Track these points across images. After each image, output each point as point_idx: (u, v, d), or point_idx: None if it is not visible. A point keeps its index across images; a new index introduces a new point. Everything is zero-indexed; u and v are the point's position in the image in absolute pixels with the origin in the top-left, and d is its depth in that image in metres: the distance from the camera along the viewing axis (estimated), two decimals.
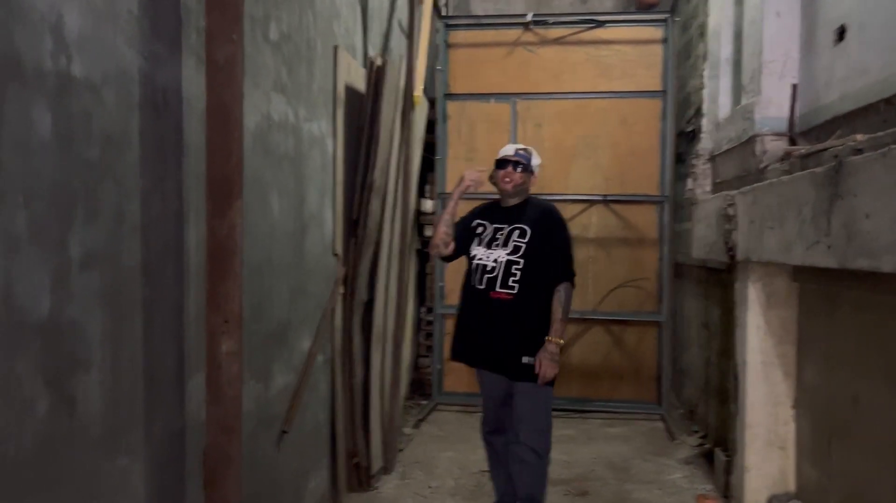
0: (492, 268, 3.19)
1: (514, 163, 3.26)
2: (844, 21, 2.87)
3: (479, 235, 3.30)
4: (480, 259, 3.24)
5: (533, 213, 3.27)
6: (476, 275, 3.25)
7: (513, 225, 3.23)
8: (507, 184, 3.27)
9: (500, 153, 3.35)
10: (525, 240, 3.18)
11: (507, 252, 3.18)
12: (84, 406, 1.65)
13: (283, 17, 2.87)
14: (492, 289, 3.18)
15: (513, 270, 3.16)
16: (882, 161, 2.04)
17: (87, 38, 1.64)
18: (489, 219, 3.34)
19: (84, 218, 1.64)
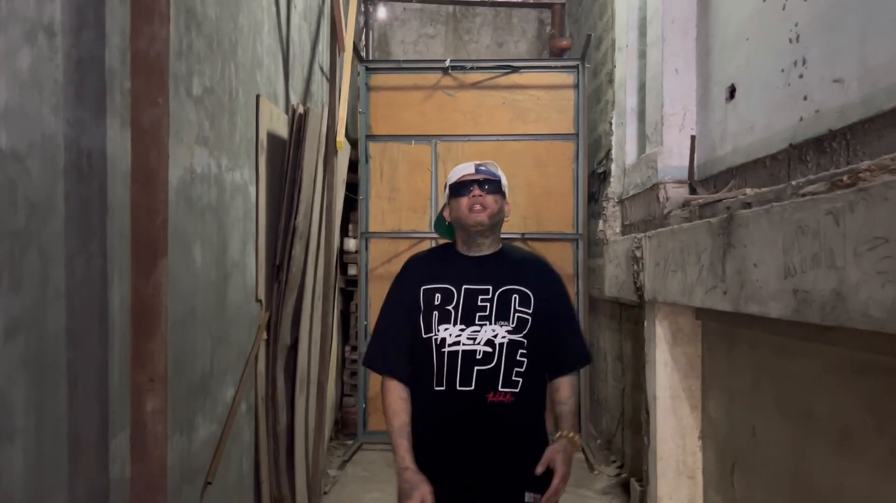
0: (484, 356, 2.08)
1: (481, 181, 2.14)
2: (734, 81, 3.14)
3: (438, 307, 2.13)
4: (456, 342, 2.09)
5: (525, 268, 2.24)
6: (448, 367, 2.09)
7: (504, 285, 2.13)
8: (479, 212, 2.12)
9: (455, 174, 2.21)
10: (529, 310, 2.12)
11: (509, 328, 2.10)
12: (7, 474, 1.65)
13: (205, 72, 2.92)
14: (488, 390, 2.07)
15: (518, 357, 2.10)
16: (766, 216, 2.26)
17: (12, 109, 1.66)
18: (450, 277, 2.17)
19: (8, 287, 1.65)
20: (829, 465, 2.36)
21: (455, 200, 2.17)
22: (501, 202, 2.19)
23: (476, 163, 2.21)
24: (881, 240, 1.65)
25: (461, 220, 2.16)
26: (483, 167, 2.20)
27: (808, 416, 2.50)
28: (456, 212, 2.18)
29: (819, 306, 1.92)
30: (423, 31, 8.09)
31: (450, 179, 2.22)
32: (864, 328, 1.73)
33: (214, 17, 3.03)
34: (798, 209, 2.04)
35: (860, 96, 2.15)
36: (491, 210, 2.14)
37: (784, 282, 2.13)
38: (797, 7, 2.54)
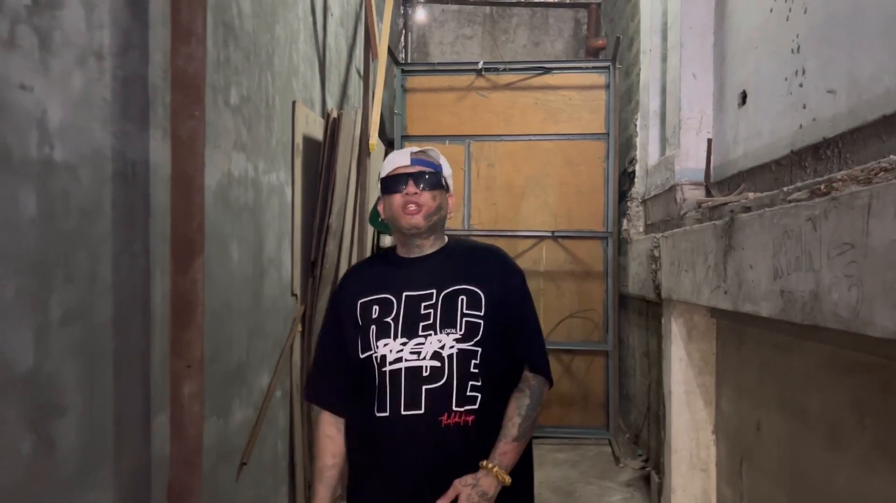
0: (431, 372, 1.76)
1: (416, 175, 1.83)
2: (745, 87, 3.24)
3: (376, 320, 1.84)
4: (398, 358, 1.78)
5: (474, 263, 1.90)
6: (391, 389, 1.78)
7: (449, 286, 1.83)
8: (413, 214, 1.83)
9: (387, 165, 1.91)
10: (480, 312, 1.81)
11: (457, 337, 1.78)
12: (61, 446, 1.89)
13: (242, 82, 3.15)
14: (440, 411, 1.75)
15: (471, 369, 1.77)
16: (759, 220, 2.38)
17: (66, 126, 1.90)
18: (389, 285, 1.88)
19: (62, 282, 1.89)
20: (820, 459, 2.48)
21: (387, 197, 1.87)
22: (442, 197, 1.87)
23: (412, 150, 1.89)
24: (848, 245, 1.77)
25: (394, 221, 1.86)
26: (420, 157, 1.87)
27: (802, 412, 2.61)
28: (389, 211, 1.88)
29: (800, 306, 2.05)
30: (461, 31, 8.26)
31: (382, 171, 1.91)
32: (834, 327, 1.86)
33: (251, 31, 3.25)
34: (785, 215, 2.17)
35: (848, 107, 2.26)
36: (427, 209, 1.83)
37: (773, 283, 2.25)
38: (798, 18, 2.65)
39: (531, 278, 6.22)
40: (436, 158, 1.92)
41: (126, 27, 2.21)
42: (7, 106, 1.68)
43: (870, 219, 1.67)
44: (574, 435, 6.09)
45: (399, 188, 1.85)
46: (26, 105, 1.74)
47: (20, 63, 1.72)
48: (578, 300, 6.23)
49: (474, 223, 6.28)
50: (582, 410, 6.23)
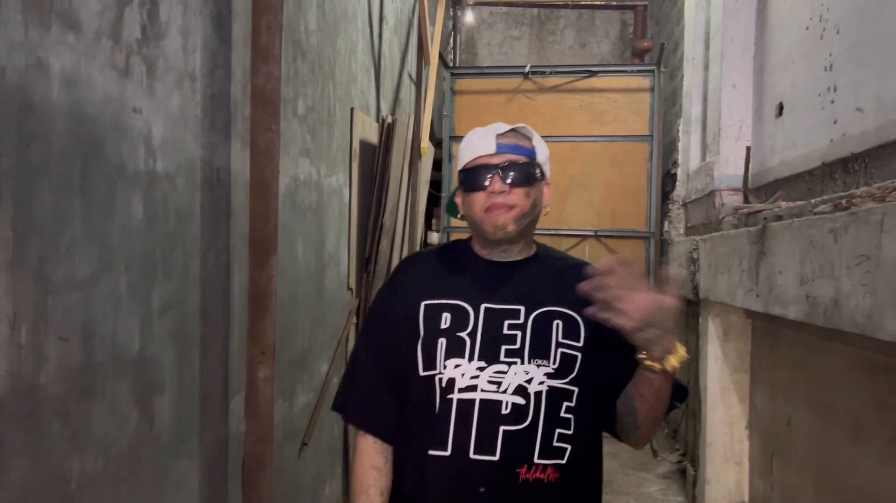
0: (513, 411, 1.40)
1: (504, 167, 1.42)
2: (782, 99, 3.39)
3: (447, 332, 1.45)
4: (471, 386, 1.42)
5: (571, 280, 1.39)
6: (457, 422, 1.41)
7: (542, 306, 1.46)
8: (501, 214, 1.43)
9: (467, 151, 1.49)
10: (579, 342, 1.45)
11: (549, 371, 1.43)
12: (160, 419, 2.18)
13: (308, 93, 3.42)
14: (520, 461, 1.40)
15: (563, 414, 1.43)
16: (789, 230, 2.56)
17: (168, 141, 2.18)
18: (463, 289, 1.50)
19: (162, 276, 2.17)
20: (845, 453, 2.64)
21: (468, 195, 1.46)
22: (537, 192, 1.46)
23: (498, 131, 1.46)
24: (864, 257, 1.95)
25: (476, 224, 1.47)
26: (509, 142, 1.45)
27: (829, 409, 2.78)
28: (469, 208, 1.47)
29: (823, 311, 2.23)
30: (509, 33, 8.45)
31: (461, 158, 1.50)
32: (852, 331, 2.04)
33: (316, 45, 3.52)
34: (811, 226, 2.34)
35: (875, 125, 2.41)
36: (520, 210, 1.42)
37: (800, 289, 2.43)
38: (832, 38, 2.80)
39: None
40: (529, 138, 1.49)
41: (214, 49, 2.48)
42: (122, 126, 1.95)
43: (882, 234, 1.85)
44: None
45: (482, 184, 1.42)
46: (136, 125, 2.02)
47: (133, 89, 1.99)
48: None
49: None
50: None
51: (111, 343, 1.92)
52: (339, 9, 3.91)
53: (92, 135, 1.82)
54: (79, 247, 1.77)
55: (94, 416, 1.86)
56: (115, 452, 1.95)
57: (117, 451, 1.96)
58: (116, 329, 1.94)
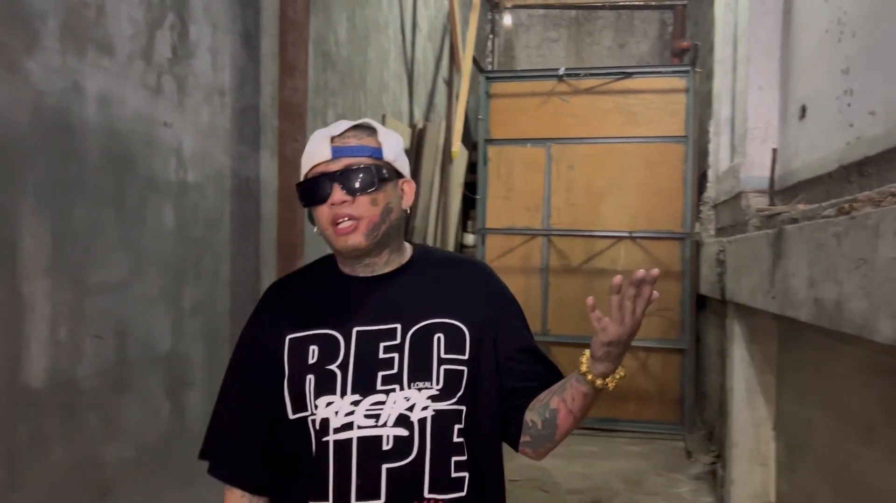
0: (396, 445, 1.24)
1: (343, 174, 1.25)
2: (805, 101, 3.40)
3: (314, 367, 1.28)
4: (347, 425, 1.24)
5: (451, 282, 1.36)
6: (336, 468, 1.24)
7: (419, 321, 1.30)
8: (347, 232, 1.26)
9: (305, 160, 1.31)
10: (464, 355, 1.30)
11: (432, 393, 1.26)
12: (190, 412, 2.33)
13: (338, 103, 3.56)
14: (408, 501, 1.24)
15: (455, 438, 1.28)
16: (800, 233, 2.59)
17: (197, 153, 2.33)
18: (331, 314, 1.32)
19: (193, 280, 2.33)
20: (858, 454, 2.66)
21: (313, 209, 1.29)
22: (390, 194, 1.29)
23: (333, 133, 1.29)
24: (861, 260, 1.99)
25: (328, 240, 1.30)
26: (345, 145, 1.27)
27: (843, 411, 2.80)
28: (318, 225, 1.30)
29: (828, 313, 2.27)
30: (546, 35, 8.51)
31: (302, 168, 1.32)
32: (851, 333, 2.08)
33: (346, 56, 3.66)
34: (818, 229, 2.38)
35: (885, 128, 2.43)
36: (369, 221, 1.26)
37: (809, 291, 2.47)
38: (848, 41, 2.81)
39: (607, 277, 6.44)
40: (374, 134, 1.31)
41: (242, 65, 2.64)
42: (154, 141, 2.11)
43: (878, 238, 1.89)
44: (648, 429, 6.27)
45: (322, 196, 1.26)
46: (167, 139, 2.18)
47: (164, 105, 2.15)
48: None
49: (553, 223, 6.54)
50: (657, 406, 6.41)
51: (144, 341, 2.08)
52: (370, 20, 4.04)
53: (124, 149, 1.98)
54: (112, 253, 1.93)
55: (127, 409, 2.02)
56: (147, 442, 2.11)
57: (149, 442, 2.12)
58: (149, 328, 2.10)
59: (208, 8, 2.39)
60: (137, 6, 2.02)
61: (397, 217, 1.32)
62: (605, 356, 1.20)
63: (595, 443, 5.86)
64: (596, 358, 1.21)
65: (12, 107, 1.59)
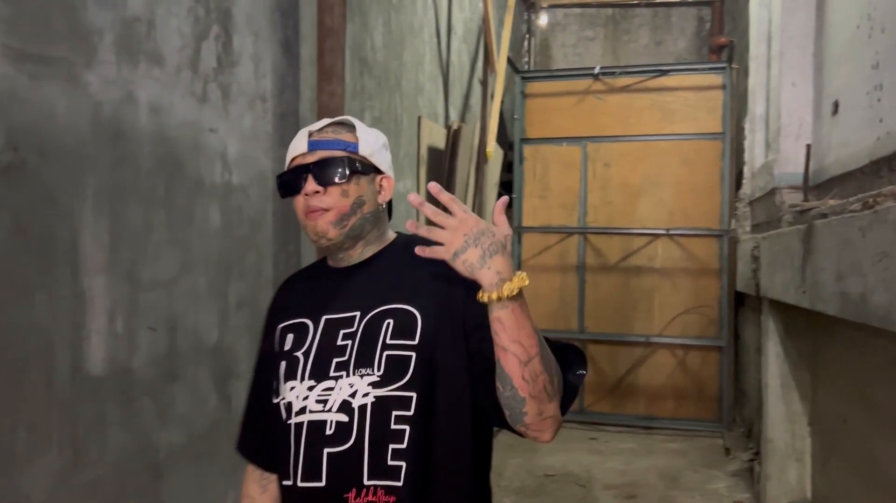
0: (337, 430, 1.26)
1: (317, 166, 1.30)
2: (837, 97, 3.41)
3: (287, 354, 1.35)
4: (303, 409, 1.29)
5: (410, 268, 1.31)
6: (293, 450, 1.29)
7: (375, 307, 1.31)
8: (317, 217, 1.30)
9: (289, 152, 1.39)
10: (413, 340, 1.26)
11: (373, 380, 1.25)
12: (236, 402, 2.46)
13: (375, 106, 3.68)
14: (345, 486, 1.24)
15: (393, 426, 1.24)
16: (828, 228, 2.62)
17: (241, 157, 2.46)
18: (310, 304, 1.39)
19: (237, 276, 2.46)
20: (887, 449, 2.68)
21: (290, 200, 1.36)
22: (363, 187, 1.32)
23: (312, 128, 1.37)
24: (884, 254, 2.03)
25: (304, 230, 1.36)
26: (323, 138, 1.33)
27: (875, 405, 2.81)
28: (297, 217, 1.36)
29: (854, 306, 2.30)
30: (583, 34, 8.53)
31: (287, 159, 1.39)
32: (876, 325, 2.11)
33: (382, 60, 3.77)
34: (844, 224, 2.41)
35: None
36: (338, 211, 1.30)
37: (836, 285, 2.50)
38: (878, 37, 2.83)
39: (644, 274, 6.48)
40: (351, 128, 1.36)
41: (282, 72, 2.76)
42: (201, 145, 2.25)
43: None
44: (687, 427, 6.27)
45: (297, 187, 1.32)
46: (213, 143, 2.31)
47: (210, 112, 2.29)
48: (694, 296, 6.39)
49: (590, 220, 6.58)
50: (696, 403, 6.40)
51: (193, 333, 2.21)
52: (405, 24, 4.15)
53: (174, 154, 2.11)
54: (164, 251, 2.07)
55: (178, 397, 2.15)
56: (196, 430, 2.24)
57: (198, 429, 2.25)
58: (198, 321, 2.24)
59: (250, 18, 2.52)
60: (185, 19, 2.16)
61: (371, 210, 1.34)
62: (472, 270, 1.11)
63: (633, 441, 5.89)
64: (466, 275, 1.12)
65: (74, 116, 1.73)
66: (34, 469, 1.63)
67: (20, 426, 1.59)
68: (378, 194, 1.36)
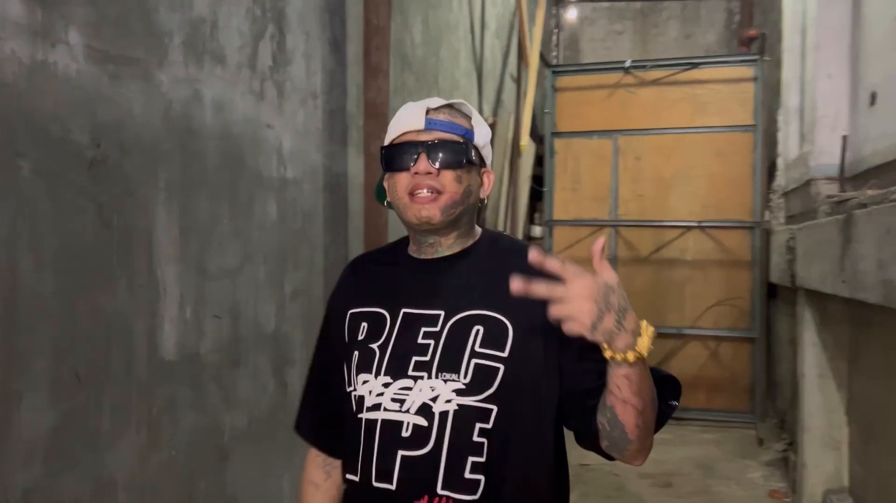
0: (414, 433, 1.20)
1: (432, 146, 1.23)
2: (875, 88, 3.42)
3: (361, 344, 1.29)
4: (376, 405, 1.24)
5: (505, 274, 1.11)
6: (364, 446, 1.24)
7: (462, 310, 1.24)
8: (424, 201, 1.22)
9: (395, 126, 1.28)
10: (503, 351, 1.21)
11: (458, 386, 1.20)
12: (291, 388, 2.56)
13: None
14: (418, 493, 1.20)
15: (475, 438, 1.19)
16: (868, 217, 2.66)
17: (294, 152, 2.56)
18: (386, 293, 1.33)
19: (292, 267, 2.55)
20: None
21: (391, 176, 1.27)
22: (472, 177, 1.27)
23: (429, 104, 1.28)
24: None
25: (399, 210, 1.28)
26: (440, 119, 1.26)
27: None
28: (392, 192, 1.28)
29: None
30: (612, 28, 8.55)
31: (388, 133, 1.31)
32: None
33: (421, 56, 3.85)
34: (886, 213, 2.45)
35: None
36: (449, 197, 1.23)
37: (878, 274, 2.53)
38: None
39: (676, 267, 6.50)
40: (468, 117, 1.31)
41: (331, 69, 2.85)
42: (259, 141, 2.34)
43: None
44: (720, 418, 6.29)
45: (406, 164, 1.24)
46: (270, 139, 2.41)
47: (267, 109, 2.38)
48: (726, 288, 6.40)
49: (621, 213, 6.61)
50: (728, 394, 6.42)
51: (253, 321, 2.31)
52: (442, 21, 4.23)
53: (236, 150, 2.21)
54: (227, 242, 2.17)
55: (240, 383, 2.25)
56: (257, 413, 2.34)
57: (259, 413, 2.35)
58: (257, 310, 2.34)
59: (302, 18, 2.61)
60: (244, 19, 2.25)
61: (474, 202, 1.30)
62: (608, 335, 1.05)
63: (667, 432, 5.85)
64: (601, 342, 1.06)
65: (149, 114, 1.83)
66: (117, 448, 1.74)
67: (105, 407, 1.69)
68: (480, 187, 1.31)
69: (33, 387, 1.49)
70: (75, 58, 1.59)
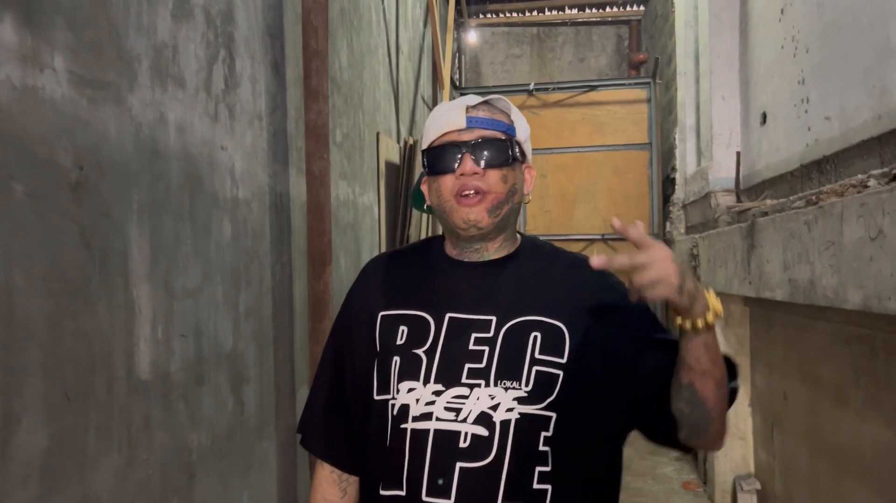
0: (473, 444, 1.16)
1: (476, 145, 1.20)
2: (765, 109, 3.81)
3: (402, 349, 1.24)
4: (426, 414, 1.18)
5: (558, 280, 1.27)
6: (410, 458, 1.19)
7: (516, 316, 1.21)
8: (472, 204, 1.20)
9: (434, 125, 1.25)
10: (561, 358, 1.19)
11: (520, 394, 1.17)
12: (247, 406, 2.59)
13: (344, 123, 3.85)
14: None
15: (540, 447, 1.17)
16: (773, 224, 2.97)
17: (244, 172, 2.60)
18: (426, 296, 1.28)
19: (245, 286, 2.59)
20: (830, 417, 3.04)
21: (434, 179, 1.23)
22: (516, 175, 1.23)
23: (469, 102, 1.24)
24: (830, 243, 2.36)
25: (444, 214, 1.23)
26: (480, 116, 1.22)
27: (816, 379, 3.17)
28: (436, 196, 1.24)
29: (802, 291, 2.64)
30: (510, 51, 8.91)
31: (426, 136, 1.27)
32: (824, 304, 2.44)
33: (348, 79, 3.95)
34: (789, 219, 2.75)
35: (840, 131, 2.83)
36: (495, 197, 1.20)
37: (783, 274, 2.84)
38: (802, 56, 3.22)
39: None
40: (507, 113, 1.27)
41: (273, 92, 2.91)
42: (214, 162, 2.38)
43: (843, 223, 2.26)
44: None
45: (450, 166, 1.20)
46: (224, 160, 2.45)
47: (220, 131, 2.42)
48: None
49: (530, 228, 6.90)
50: None
51: (214, 340, 2.34)
52: (364, 44, 4.35)
53: (195, 170, 2.24)
54: (190, 262, 2.19)
55: (204, 401, 2.27)
56: (218, 432, 2.36)
57: (220, 431, 2.37)
58: (217, 329, 2.36)
59: (248, 42, 2.67)
60: (200, 43, 2.30)
61: (519, 201, 1.26)
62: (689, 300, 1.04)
63: None
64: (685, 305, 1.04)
65: (122, 136, 1.85)
66: (101, 468, 1.74)
67: (90, 427, 1.70)
68: (523, 184, 1.28)
69: (30, 409, 1.49)
70: (60, 82, 1.61)
